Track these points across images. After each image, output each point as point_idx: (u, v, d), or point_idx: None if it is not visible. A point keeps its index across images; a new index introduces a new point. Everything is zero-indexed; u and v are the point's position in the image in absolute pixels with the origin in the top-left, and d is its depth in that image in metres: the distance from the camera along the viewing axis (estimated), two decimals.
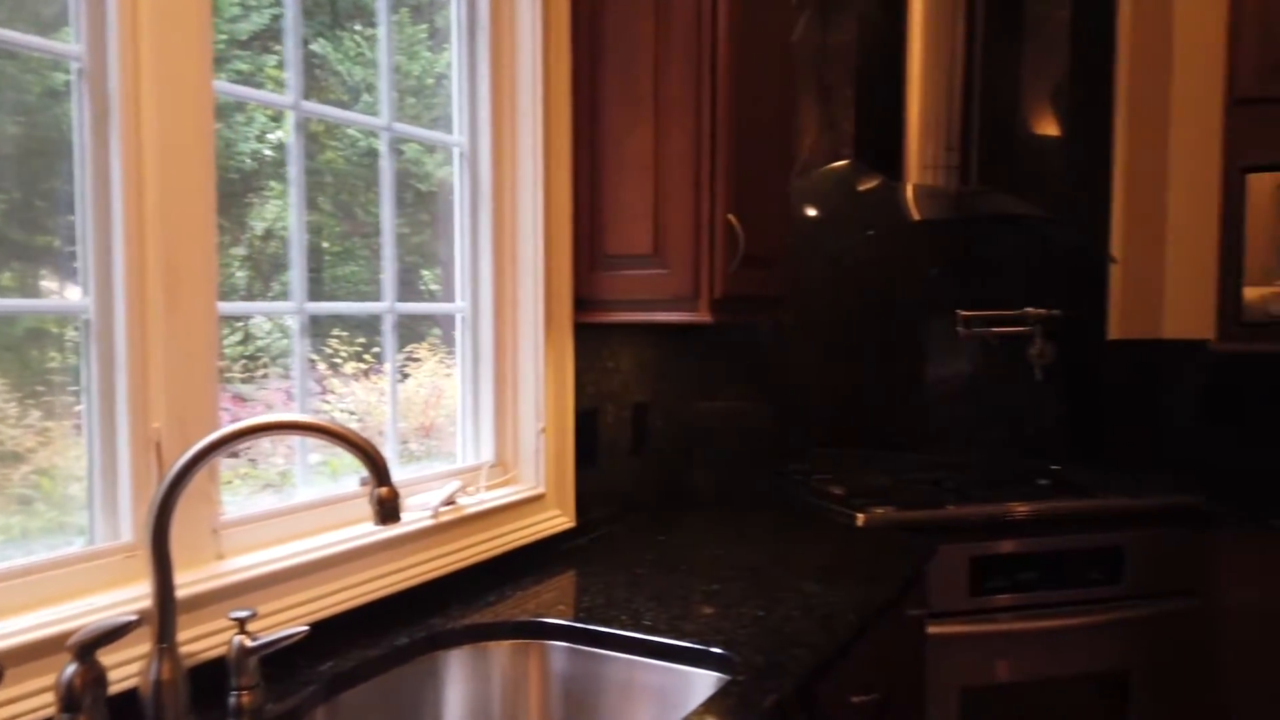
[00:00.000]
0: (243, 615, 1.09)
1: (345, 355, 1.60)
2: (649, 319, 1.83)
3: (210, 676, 1.12)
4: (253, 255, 1.45)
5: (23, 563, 1.05)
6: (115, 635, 0.95)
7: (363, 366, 1.63)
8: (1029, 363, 2.67)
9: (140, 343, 1.15)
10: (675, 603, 1.52)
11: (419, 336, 1.76)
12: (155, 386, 1.15)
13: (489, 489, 1.75)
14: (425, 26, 1.75)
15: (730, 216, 1.76)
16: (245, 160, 1.43)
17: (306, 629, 1.13)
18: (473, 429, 1.82)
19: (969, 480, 2.41)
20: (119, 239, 1.13)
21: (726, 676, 1.24)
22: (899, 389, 2.90)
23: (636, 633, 1.38)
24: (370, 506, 1.08)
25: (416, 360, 1.75)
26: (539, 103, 1.78)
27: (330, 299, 1.55)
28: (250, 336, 1.47)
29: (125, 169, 1.13)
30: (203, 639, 1.16)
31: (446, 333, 1.80)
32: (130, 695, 1.04)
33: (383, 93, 1.60)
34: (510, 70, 1.80)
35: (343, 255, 1.61)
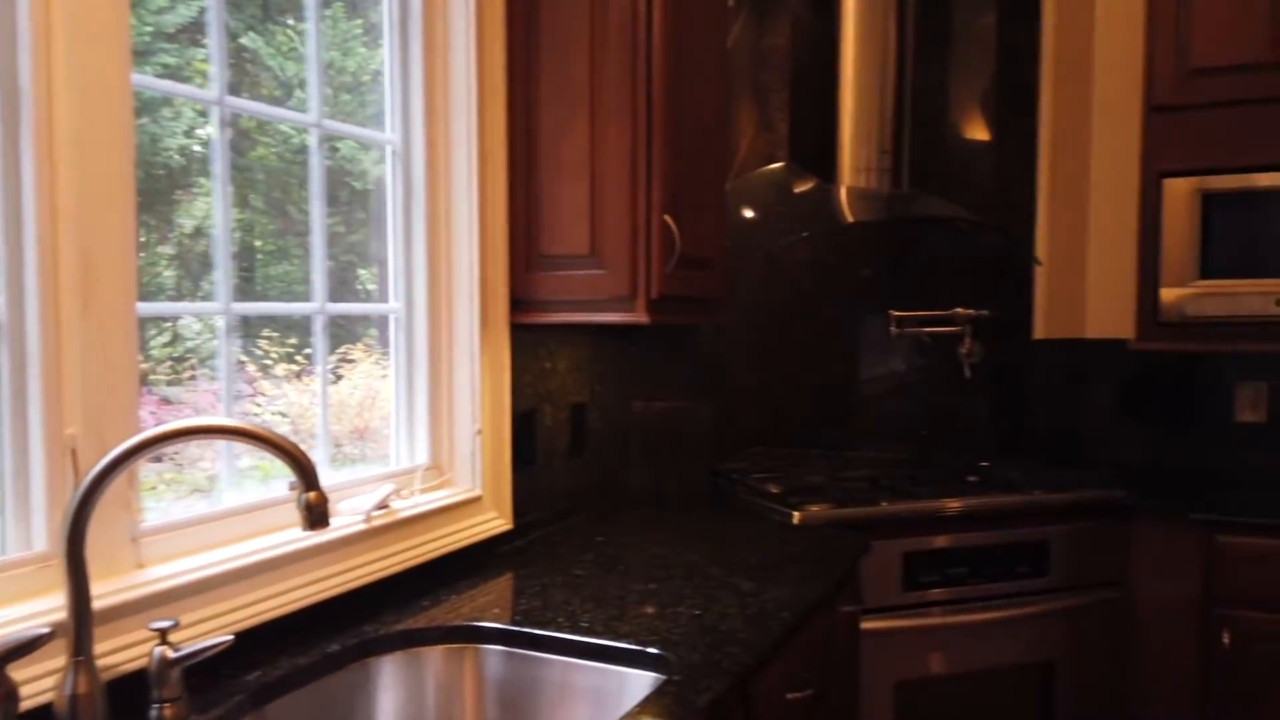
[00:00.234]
0: (164, 625, 1.06)
1: (276, 356, 1.57)
2: (586, 319, 1.83)
3: (131, 689, 1.09)
4: (181, 254, 1.41)
5: None
6: (27, 649, 0.92)
7: (294, 368, 1.59)
8: (959, 362, 2.74)
9: (54, 345, 1.11)
10: (612, 603, 1.52)
11: (354, 337, 1.73)
12: (70, 390, 1.11)
13: (424, 492, 1.72)
14: (360, 22, 1.72)
15: (667, 217, 1.77)
16: (173, 156, 1.39)
17: (231, 638, 1.10)
18: (407, 431, 1.79)
19: (902, 477, 2.46)
20: (31, 238, 1.09)
21: (663, 676, 1.24)
22: (834, 388, 2.95)
23: (573, 634, 1.38)
24: (298, 512, 1.06)
25: (351, 362, 1.72)
26: (473, 100, 1.77)
27: (263, 298, 1.52)
28: (179, 337, 1.43)
29: (38, 166, 1.09)
30: (122, 650, 1.12)
31: (383, 334, 1.77)
32: (44, 711, 1.00)
33: (312, 89, 1.57)
34: (444, 67, 1.78)
35: (276, 254, 1.57)
